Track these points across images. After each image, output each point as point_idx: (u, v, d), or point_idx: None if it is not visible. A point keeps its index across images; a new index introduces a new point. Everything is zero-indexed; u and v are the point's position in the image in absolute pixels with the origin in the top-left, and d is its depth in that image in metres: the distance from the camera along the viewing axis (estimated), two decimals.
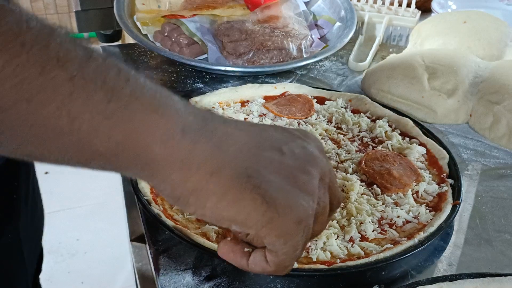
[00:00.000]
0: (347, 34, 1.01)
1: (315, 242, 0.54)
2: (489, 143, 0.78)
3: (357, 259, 0.53)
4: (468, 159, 0.75)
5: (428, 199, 0.63)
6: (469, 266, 0.57)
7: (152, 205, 0.57)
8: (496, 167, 0.73)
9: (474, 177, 0.71)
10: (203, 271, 0.53)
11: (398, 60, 0.90)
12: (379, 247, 0.55)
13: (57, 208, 2.03)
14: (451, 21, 1.00)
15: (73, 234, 1.96)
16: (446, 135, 0.80)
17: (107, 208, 2.07)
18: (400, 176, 0.66)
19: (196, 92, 0.88)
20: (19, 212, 0.67)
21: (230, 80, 0.92)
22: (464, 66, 0.86)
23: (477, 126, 0.81)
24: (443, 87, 0.83)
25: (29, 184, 0.72)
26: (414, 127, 0.75)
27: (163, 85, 0.37)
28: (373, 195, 0.64)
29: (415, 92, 0.83)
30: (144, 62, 0.98)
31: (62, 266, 1.83)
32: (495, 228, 0.62)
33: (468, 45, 0.95)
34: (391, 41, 1.12)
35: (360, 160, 0.69)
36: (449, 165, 0.68)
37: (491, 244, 0.60)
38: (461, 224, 0.63)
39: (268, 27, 0.98)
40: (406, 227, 0.59)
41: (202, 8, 1.02)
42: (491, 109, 0.80)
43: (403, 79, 0.85)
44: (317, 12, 1.11)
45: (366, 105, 0.81)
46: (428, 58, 0.87)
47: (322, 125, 0.76)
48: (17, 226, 0.66)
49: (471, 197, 0.67)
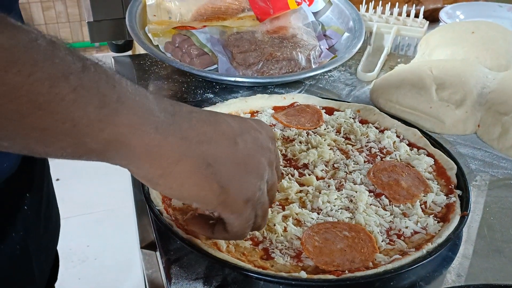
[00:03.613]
0: (355, 44, 1.02)
1: None
2: (497, 154, 0.79)
3: (365, 270, 0.53)
4: (476, 169, 0.75)
5: (436, 210, 0.64)
6: (477, 277, 0.57)
7: (164, 215, 0.58)
8: (505, 178, 0.74)
9: (482, 187, 0.71)
10: (214, 280, 0.54)
11: (407, 70, 0.90)
12: (387, 257, 0.56)
13: (67, 215, 2.05)
14: (460, 32, 1.01)
15: (83, 241, 1.98)
16: (454, 145, 0.80)
17: (117, 214, 2.09)
18: (408, 187, 0.66)
19: (206, 102, 0.89)
20: (29, 223, 0.67)
21: (240, 91, 0.93)
22: (472, 77, 0.86)
23: (485, 137, 0.81)
24: (451, 97, 0.83)
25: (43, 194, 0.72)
26: (422, 137, 0.76)
27: (174, 95, 0.42)
28: (381, 206, 0.64)
29: (423, 102, 0.84)
30: (155, 72, 1.00)
31: (73, 272, 1.85)
32: (504, 238, 0.63)
33: (476, 55, 0.95)
34: (400, 51, 1.13)
35: (368, 170, 0.69)
36: (457, 175, 0.68)
37: (500, 255, 0.60)
38: (469, 235, 0.63)
39: (277, 37, 1.00)
40: (414, 238, 0.60)
41: (212, 19, 1.03)
42: (499, 119, 0.80)
43: (411, 89, 0.85)
44: (325, 23, 1.12)
45: (374, 115, 0.82)
46: (436, 68, 0.88)
47: (331, 135, 0.77)
48: (26, 238, 0.66)
49: (479, 207, 0.68)
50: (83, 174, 2.33)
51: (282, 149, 0.75)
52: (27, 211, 0.66)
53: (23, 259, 0.66)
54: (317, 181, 0.68)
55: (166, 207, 0.60)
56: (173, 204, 0.62)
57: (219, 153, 0.45)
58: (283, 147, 0.75)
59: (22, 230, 0.65)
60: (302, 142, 0.76)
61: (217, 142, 0.46)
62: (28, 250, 0.67)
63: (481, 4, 1.30)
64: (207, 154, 0.44)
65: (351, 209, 0.63)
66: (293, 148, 0.74)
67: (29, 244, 0.67)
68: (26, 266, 0.67)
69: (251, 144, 0.48)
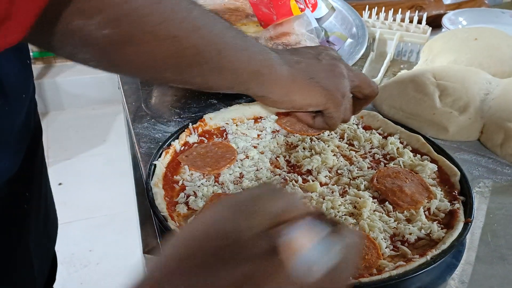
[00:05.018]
0: (358, 50, 1.02)
1: None
2: (500, 160, 0.79)
3: (369, 276, 0.53)
4: (480, 176, 0.75)
5: (440, 216, 0.64)
6: (481, 283, 0.57)
7: (168, 221, 0.59)
8: (508, 184, 0.74)
9: (486, 194, 0.72)
10: None
11: (410, 77, 0.91)
12: (392, 264, 0.56)
13: (70, 219, 2.06)
14: (463, 38, 1.01)
15: (85, 245, 1.98)
16: (457, 151, 0.81)
17: (120, 219, 2.09)
18: (412, 193, 0.66)
19: (210, 107, 0.89)
20: (29, 222, 0.68)
21: (243, 96, 0.93)
22: (475, 83, 0.87)
23: (489, 143, 0.82)
24: (455, 104, 0.84)
25: (41, 194, 0.73)
26: (425, 144, 0.76)
27: (178, 101, 0.44)
28: (385, 212, 0.64)
29: (426, 109, 0.84)
30: None
31: (75, 277, 1.85)
32: (507, 245, 0.63)
33: (479, 62, 0.95)
34: (402, 57, 1.13)
35: (372, 177, 0.70)
36: (460, 182, 0.69)
37: (503, 261, 0.60)
38: (473, 242, 0.63)
39: (280, 44, 1.00)
40: (418, 244, 0.60)
41: None
42: (502, 126, 0.80)
43: (414, 96, 0.86)
44: (329, 29, 1.13)
45: (378, 121, 0.82)
46: (439, 75, 0.88)
47: (334, 141, 0.78)
48: (27, 236, 0.67)
49: (483, 214, 0.68)
50: (85, 179, 2.33)
51: (286, 155, 0.75)
52: (27, 210, 0.67)
53: (24, 259, 0.67)
54: (320, 187, 0.68)
55: (171, 213, 0.60)
56: (178, 210, 0.62)
57: (313, 68, 0.62)
58: (286, 153, 0.75)
59: (22, 229, 0.66)
60: (306, 148, 0.76)
61: (308, 63, 0.62)
62: (28, 250, 0.68)
63: (483, 10, 1.30)
64: (307, 71, 0.61)
65: (355, 215, 0.63)
66: (296, 154, 0.74)
67: (29, 243, 0.67)
68: (27, 266, 0.68)
69: (328, 58, 0.64)
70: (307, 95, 0.61)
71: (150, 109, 0.89)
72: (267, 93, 0.60)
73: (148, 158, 0.72)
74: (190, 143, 0.75)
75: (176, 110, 0.89)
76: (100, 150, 2.58)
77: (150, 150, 0.76)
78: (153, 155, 0.70)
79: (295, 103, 0.62)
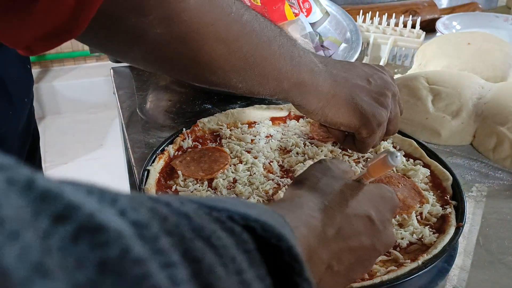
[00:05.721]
0: (352, 55, 1.03)
1: None
2: (493, 165, 0.79)
3: (361, 281, 0.54)
4: (473, 180, 0.76)
5: (432, 220, 0.64)
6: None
7: None
8: (501, 189, 0.74)
9: (479, 198, 0.72)
10: None
11: (403, 81, 0.91)
12: (383, 268, 0.56)
13: None
14: (456, 43, 1.02)
15: None
16: (450, 156, 0.81)
17: None
18: (404, 198, 0.67)
19: (205, 112, 0.90)
20: None
21: (238, 101, 0.94)
22: (468, 88, 0.87)
23: (481, 148, 0.82)
24: (447, 108, 0.84)
25: None
26: (418, 148, 0.77)
27: (173, 106, 0.44)
28: None
29: (419, 113, 0.84)
30: (154, 83, 1.01)
31: None
32: (500, 250, 0.63)
33: (472, 66, 0.96)
34: (396, 61, 1.14)
35: None
36: (453, 186, 0.69)
37: (496, 266, 0.60)
38: (465, 246, 0.63)
39: None
40: (410, 249, 0.60)
41: None
42: (494, 130, 0.81)
43: (407, 100, 0.86)
44: (323, 34, 1.13)
45: None
46: (432, 79, 0.89)
47: (327, 146, 0.78)
48: None
49: (476, 218, 0.68)
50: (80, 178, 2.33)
51: (279, 160, 0.75)
52: None
53: None
54: None
55: None
56: None
57: (358, 90, 0.62)
58: (280, 158, 0.76)
59: None
60: (299, 153, 0.76)
61: (355, 83, 0.62)
62: None
63: (477, 14, 1.31)
64: (351, 90, 0.61)
65: None
66: (290, 159, 0.75)
67: None
68: None
69: (379, 81, 0.64)
70: (342, 113, 0.62)
71: (144, 114, 0.90)
72: (305, 103, 0.61)
73: (142, 163, 0.72)
74: (184, 148, 0.75)
75: (170, 115, 0.89)
76: (97, 155, 2.58)
77: (144, 155, 0.76)
78: (146, 160, 0.70)
79: (328, 118, 0.62)
